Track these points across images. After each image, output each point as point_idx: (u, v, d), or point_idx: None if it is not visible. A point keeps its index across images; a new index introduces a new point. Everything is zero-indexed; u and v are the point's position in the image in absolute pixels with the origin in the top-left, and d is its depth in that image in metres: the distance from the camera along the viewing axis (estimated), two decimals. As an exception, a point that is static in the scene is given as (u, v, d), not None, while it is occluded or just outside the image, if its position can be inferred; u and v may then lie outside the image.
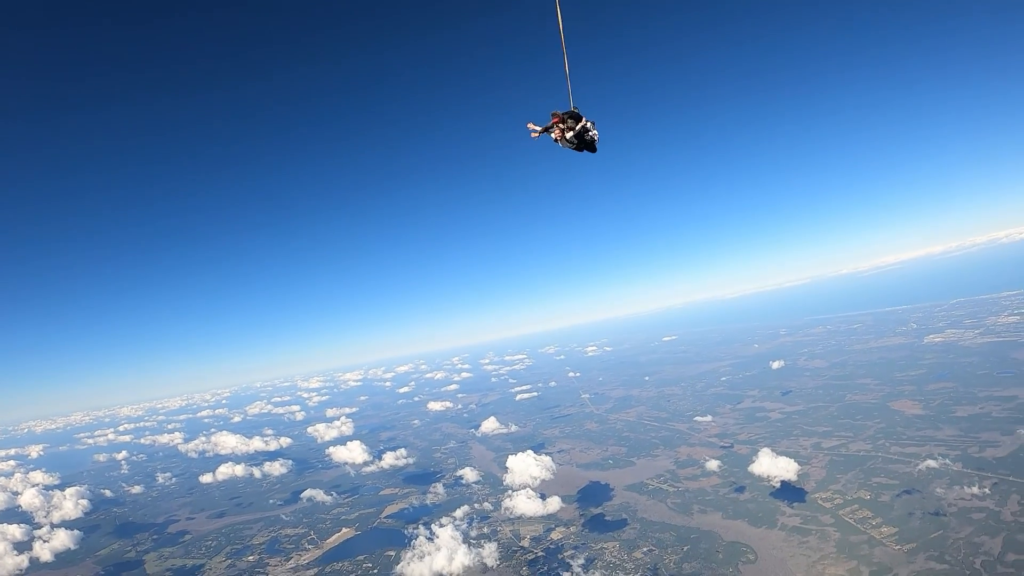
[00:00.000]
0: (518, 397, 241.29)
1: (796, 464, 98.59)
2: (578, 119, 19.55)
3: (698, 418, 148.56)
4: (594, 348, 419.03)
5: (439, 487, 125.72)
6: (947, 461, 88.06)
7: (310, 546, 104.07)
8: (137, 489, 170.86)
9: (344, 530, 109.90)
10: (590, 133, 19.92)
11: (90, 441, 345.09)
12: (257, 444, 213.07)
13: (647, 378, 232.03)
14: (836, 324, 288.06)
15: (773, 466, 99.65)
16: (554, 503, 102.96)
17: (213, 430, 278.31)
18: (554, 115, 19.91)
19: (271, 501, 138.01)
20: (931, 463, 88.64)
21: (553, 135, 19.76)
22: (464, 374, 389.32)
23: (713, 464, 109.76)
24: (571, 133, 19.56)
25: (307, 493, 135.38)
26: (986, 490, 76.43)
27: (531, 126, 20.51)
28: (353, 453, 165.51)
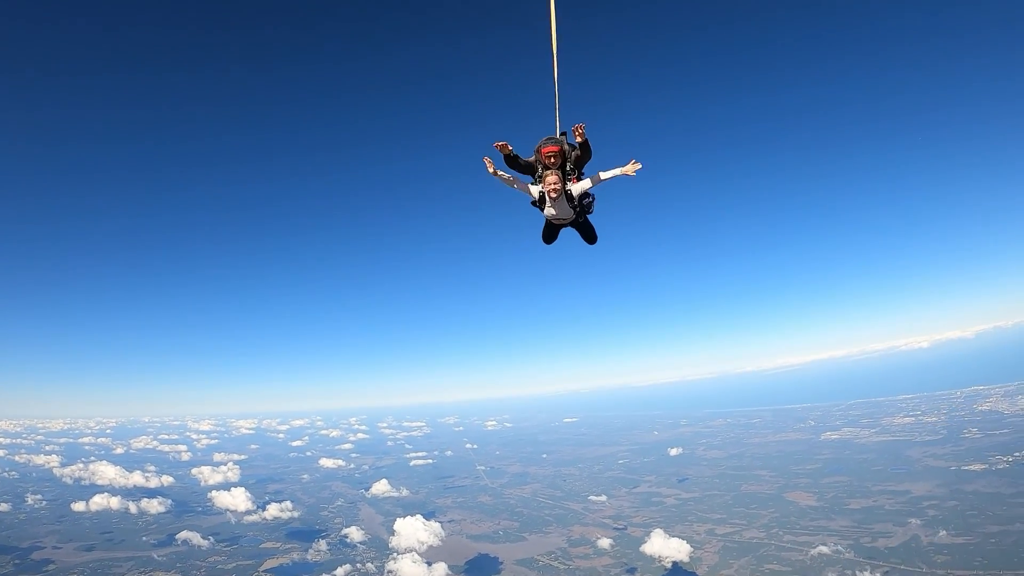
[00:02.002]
0: (413, 463, 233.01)
1: (689, 547, 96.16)
2: (576, 164, 13.64)
3: (593, 497, 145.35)
4: (494, 423, 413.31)
5: (323, 544, 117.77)
6: (840, 548, 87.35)
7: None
8: (3, 507, 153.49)
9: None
10: (589, 198, 14.00)
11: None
12: (137, 479, 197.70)
13: (545, 456, 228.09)
14: (736, 418, 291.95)
15: (665, 547, 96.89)
16: (440, 570, 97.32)
17: (93, 458, 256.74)
18: (548, 147, 13.52)
19: (144, 539, 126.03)
20: (823, 549, 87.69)
21: (544, 186, 13.40)
22: (360, 435, 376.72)
23: (605, 543, 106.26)
24: (574, 187, 13.50)
25: (184, 535, 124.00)
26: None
27: (493, 168, 13.74)
28: (236, 500, 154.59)
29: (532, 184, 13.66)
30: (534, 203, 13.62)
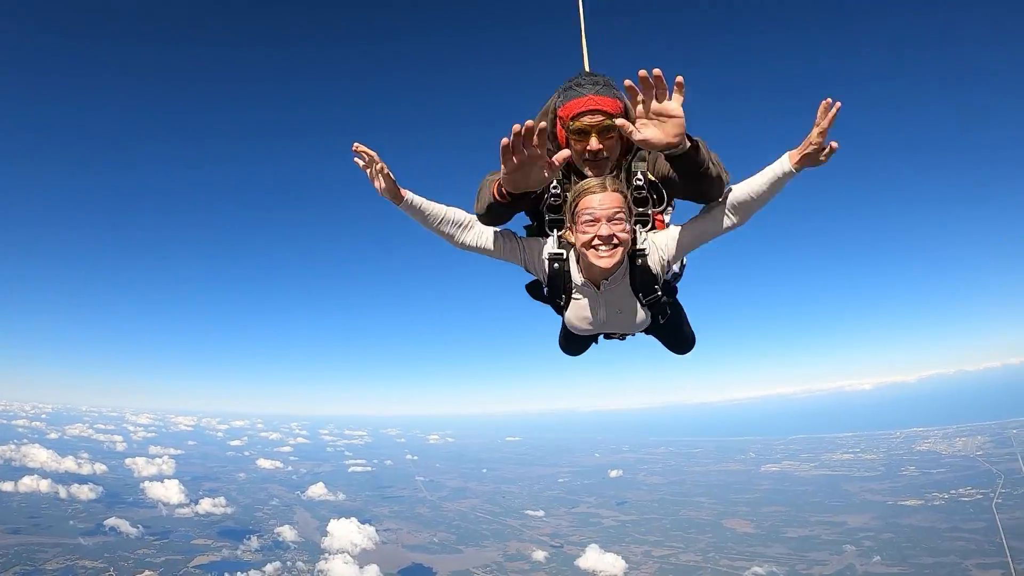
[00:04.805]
0: (351, 469, 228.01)
1: (623, 562, 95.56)
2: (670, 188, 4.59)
3: (530, 512, 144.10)
4: (436, 437, 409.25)
5: (254, 541, 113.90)
6: (775, 571, 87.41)
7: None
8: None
9: (147, 573, 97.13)
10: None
11: None
12: (69, 464, 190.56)
13: (485, 471, 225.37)
14: (679, 447, 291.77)
15: (600, 561, 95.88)
16: (372, 571, 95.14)
17: (25, 441, 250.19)
18: (588, 98, 4.10)
19: (72, 523, 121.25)
20: (758, 570, 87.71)
21: (577, 229, 4.18)
22: (300, 439, 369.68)
23: (540, 556, 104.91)
24: (659, 241, 4.51)
25: (113, 522, 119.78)
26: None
27: (383, 187, 4.34)
28: (169, 493, 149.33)
29: (533, 238, 4.91)
30: (544, 289, 4.85)
